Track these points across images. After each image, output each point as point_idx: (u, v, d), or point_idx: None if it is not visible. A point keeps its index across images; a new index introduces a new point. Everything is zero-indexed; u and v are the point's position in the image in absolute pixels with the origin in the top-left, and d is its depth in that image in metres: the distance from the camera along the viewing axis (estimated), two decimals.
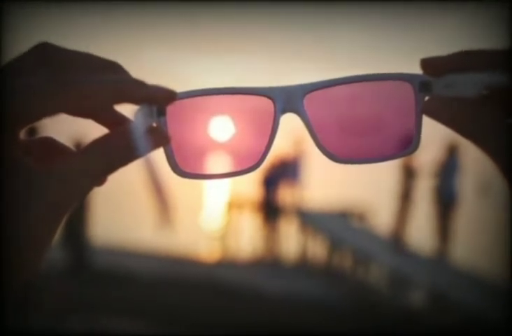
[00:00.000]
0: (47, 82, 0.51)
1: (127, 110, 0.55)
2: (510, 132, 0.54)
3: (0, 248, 0.50)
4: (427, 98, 0.59)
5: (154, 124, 0.57)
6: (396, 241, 9.99)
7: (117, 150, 0.53)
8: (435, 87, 0.58)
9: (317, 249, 11.17)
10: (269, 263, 10.40)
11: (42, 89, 0.51)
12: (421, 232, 10.57)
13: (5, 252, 0.50)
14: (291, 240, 11.41)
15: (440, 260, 9.11)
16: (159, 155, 0.56)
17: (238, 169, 0.61)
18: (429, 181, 9.38)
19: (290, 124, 0.63)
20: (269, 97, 0.60)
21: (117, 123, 0.57)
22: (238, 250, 11.39)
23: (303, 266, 10.51)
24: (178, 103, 0.56)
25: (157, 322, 6.01)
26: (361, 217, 12.93)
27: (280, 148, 9.99)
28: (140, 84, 0.53)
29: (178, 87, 0.56)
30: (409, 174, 9.73)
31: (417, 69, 0.58)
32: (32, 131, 3.58)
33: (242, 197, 12.96)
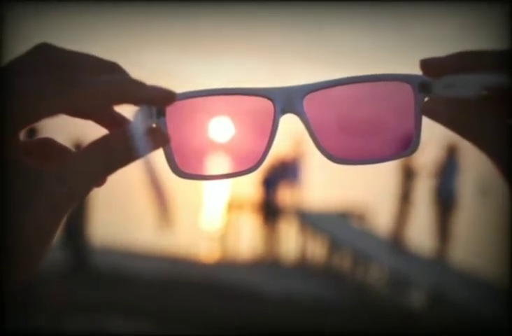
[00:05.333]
0: (47, 83, 0.51)
1: (127, 110, 0.55)
2: (509, 133, 0.54)
3: (0, 248, 0.50)
4: (426, 99, 0.59)
5: (154, 125, 0.57)
6: (396, 242, 9.99)
7: (116, 151, 0.53)
8: (435, 88, 0.58)
9: (317, 250, 11.16)
10: (269, 263, 10.39)
11: (42, 90, 0.51)
12: (421, 232, 10.56)
13: (5, 252, 0.50)
14: (290, 240, 11.40)
15: (440, 260, 9.11)
16: (158, 156, 0.56)
17: (238, 169, 0.61)
18: (429, 182, 9.37)
19: (290, 125, 0.63)
20: (269, 98, 0.60)
21: (116, 124, 0.57)
22: (237, 250, 11.37)
23: (302, 266, 10.49)
24: (177, 104, 0.56)
25: (157, 322, 6.00)
26: (360, 217, 12.93)
27: (280, 148, 9.98)
28: (139, 85, 0.53)
29: (178, 88, 0.56)
30: (409, 175, 9.73)
31: (416, 70, 0.58)
32: (32, 132, 3.58)
33: (242, 198, 12.96)
